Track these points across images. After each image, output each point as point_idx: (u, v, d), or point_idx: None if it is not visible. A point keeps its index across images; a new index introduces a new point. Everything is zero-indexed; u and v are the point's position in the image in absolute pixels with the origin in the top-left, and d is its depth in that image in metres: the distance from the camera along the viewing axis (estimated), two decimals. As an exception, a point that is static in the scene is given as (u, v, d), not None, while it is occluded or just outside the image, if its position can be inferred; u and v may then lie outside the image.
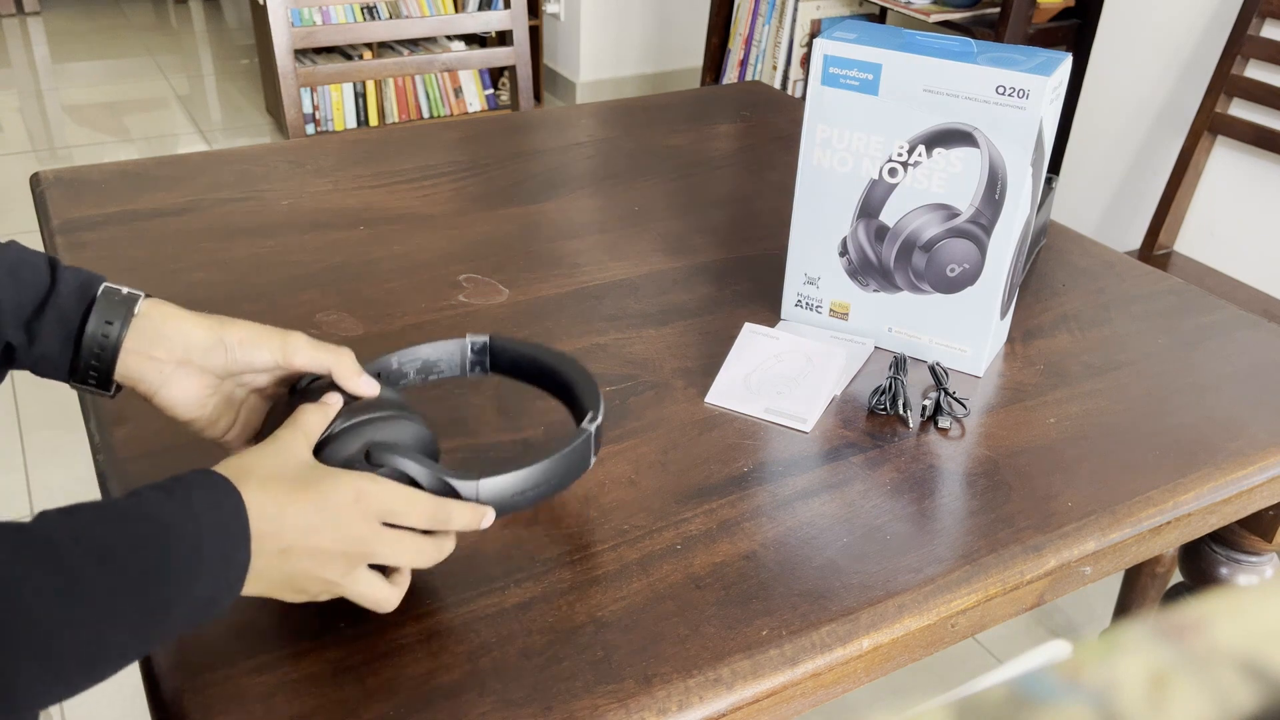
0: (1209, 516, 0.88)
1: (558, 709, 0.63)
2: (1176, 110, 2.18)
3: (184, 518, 0.55)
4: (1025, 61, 0.89)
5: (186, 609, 0.55)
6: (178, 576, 0.54)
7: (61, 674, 0.50)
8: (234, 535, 0.57)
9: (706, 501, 0.81)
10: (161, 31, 4.55)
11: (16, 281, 0.64)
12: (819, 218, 1.01)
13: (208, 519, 0.56)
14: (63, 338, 0.64)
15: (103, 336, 0.65)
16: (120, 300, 0.66)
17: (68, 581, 0.49)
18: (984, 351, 0.98)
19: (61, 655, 0.49)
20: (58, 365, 0.66)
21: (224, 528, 0.56)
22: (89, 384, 0.67)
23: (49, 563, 0.49)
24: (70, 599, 0.49)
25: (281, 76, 1.71)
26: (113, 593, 0.51)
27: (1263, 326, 1.09)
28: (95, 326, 0.65)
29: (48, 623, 0.48)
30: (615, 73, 3.77)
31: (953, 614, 0.74)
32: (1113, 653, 0.21)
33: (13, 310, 0.63)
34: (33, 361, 0.65)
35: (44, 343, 0.64)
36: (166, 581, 0.53)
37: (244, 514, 0.57)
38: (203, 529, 0.55)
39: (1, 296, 0.63)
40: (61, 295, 0.65)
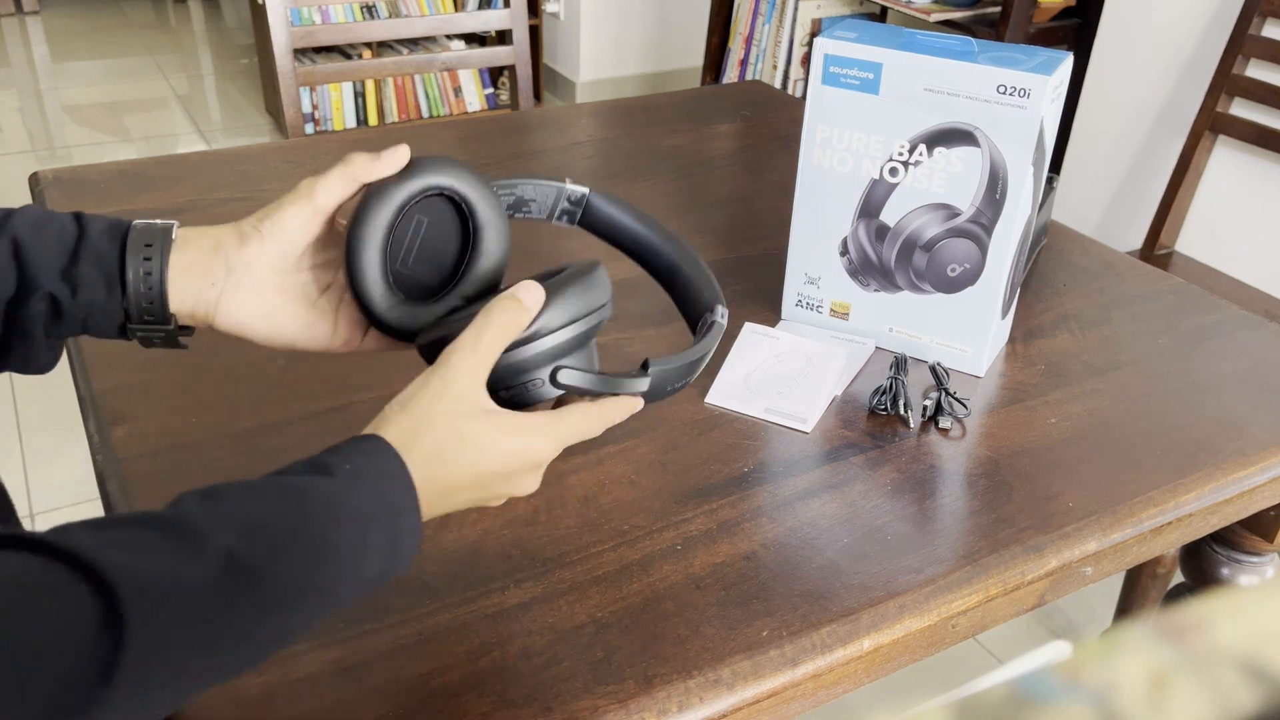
0: (1210, 517, 0.88)
1: (558, 709, 0.63)
2: (1177, 110, 2.18)
3: (349, 505, 0.52)
4: (1026, 61, 0.89)
5: (354, 589, 0.53)
6: (343, 565, 0.51)
7: (223, 666, 0.49)
8: (404, 516, 0.54)
9: (707, 502, 0.81)
10: (161, 31, 4.55)
11: (42, 235, 0.60)
12: (819, 217, 1.00)
13: (375, 505, 0.53)
14: (105, 280, 0.60)
15: (145, 262, 0.61)
16: (154, 229, 0.62)
17: (230, 576, 0.47)
18: (985, 351, 0.98)
19: (223, 647, 0.47)
20: (108, 312, 0.61)
21: (393, 513, 0.53)
22: (148, 326, 0.62)
23: (203, 555, 0.47)
24: (232, 594, 0.47)
25: (281, 76, 1.71)
26: (276, 584, 0.49)
27: (1264, 326, 1.09)
28: (134, 259, 0.60)
29: (209, 615, 0.46)
30: (615, 72, 3.77)
31: (953, 614, 0.74)
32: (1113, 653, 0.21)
33: (47, 262, 0.60)
34: (83, 315, 0.61)
35: (86, 289, 0.60)
36: (331, 572, 0.51)
37: (414, 495, 0.54)
38: (370, 518, 0.52)
39: (32, 250, 0.59)
40: (92, 238, 0.61)
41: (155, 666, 0.44)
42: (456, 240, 0.65)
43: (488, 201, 0.64)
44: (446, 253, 0.65)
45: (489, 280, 0.65)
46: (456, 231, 0.65)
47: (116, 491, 0.79)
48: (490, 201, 0.64)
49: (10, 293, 0.59)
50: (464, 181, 0.63)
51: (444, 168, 0.63)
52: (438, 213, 0.64)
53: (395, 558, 0.54)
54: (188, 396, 0.89)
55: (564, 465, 0.83)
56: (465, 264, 0.65)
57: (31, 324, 0.60)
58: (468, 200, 0.63)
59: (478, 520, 0.78)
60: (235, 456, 0.83)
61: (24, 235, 0.60)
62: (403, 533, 0.54)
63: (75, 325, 0.61)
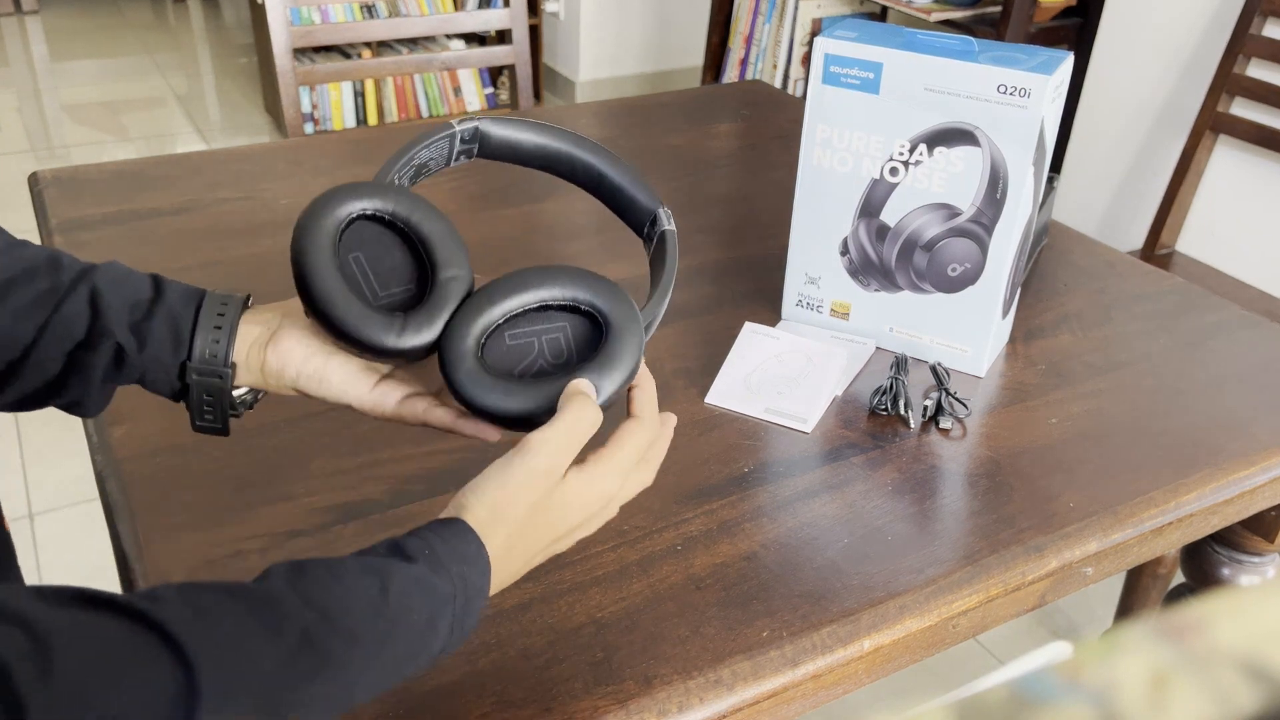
0: (1211, 517, 0.88)
1: (557, 710, 0.63)
2: (1178, 109, 2.18)
3: (427, 591, 0.53)
4: (1027, 60, 0.89)
5: (416, 667, 0.54)
6: (411, 647, 0.53)
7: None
8: (475, 599, 0.55)
9: (707, 502, 0.81)
10: (160, 30, 4.55)
11: (120, 289, 0.64)
12: (820, 217, 1.00)
13: (451, 591, 0.54)
14: (174, 338, 0.63)
15: (219, 317, 0.63)
16: (231, 298, 0.65)
17: (304, 655, 0.49)
18: (985, 351, 0.98)
19: (283, 716, 0.49)
20: (168, 368, 0.64)
21: (466, 597, 0.55)
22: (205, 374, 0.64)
23: (281, 634, 0.49)
24: (304, 671, 0.49)
25: (280, 75, 1.71)
26: (347, 666, 0.50)
27: (1265, 326, 1.09)
28: (207, 321, 0.63)
29: (277, 691, 0.48)
30: (615, 72, 3.77)
31: (954, 615, 0.74)
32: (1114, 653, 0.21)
33: (120, 315, 0.63)
34: (143, 368, 0.64)
35: (153, 345, 0.63)
36: (400, 653, 0.52)
37: (488, 577, 0.56)
38: (445, 602, 0.54)
39: (108, 300, 0.63)
40: (169, 299, 0.64)
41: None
42: (403, 248, 0.62)
43: (392, 197, 0.62)
44: (404, 264, 0.62)
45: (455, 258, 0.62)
46: (396, 241, 0.62)
47: (116, 491, 0.79)
48: (397, 197, 0.62)
49: (81, 337, 0.63)
50: (357, 196, 0.61)
51: (331, 200, 0.61)
52: (367, 237, 0.62)
53: (458, 636, 0.55)
54: (187, 396, 0.89)
55: (564, 465, 0.83)
56: (428, 259, 0.62)
57: (93, 369, 0.63)
58: (381, 212, 0.61)
59: (477, 520, 0.78)
60: (234, 456, 0.83)
61: (103, 286, 0.63)
62: (470, 613, 0.55)
63: (134, 376, 0.64)
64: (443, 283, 0.60)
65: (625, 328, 0.60)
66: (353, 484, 0.81)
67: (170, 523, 0.76)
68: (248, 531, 0.75)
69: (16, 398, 0.65)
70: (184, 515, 0.77)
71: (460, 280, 0.61)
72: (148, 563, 0.73)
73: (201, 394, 0.64)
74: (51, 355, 0.63)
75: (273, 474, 0.81)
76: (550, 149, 0.69)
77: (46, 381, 0.64)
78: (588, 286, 0.60)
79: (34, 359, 0.63)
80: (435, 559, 0.54)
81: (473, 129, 0.67)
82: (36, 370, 0.63)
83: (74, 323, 0.63)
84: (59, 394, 0.65)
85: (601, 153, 0.69)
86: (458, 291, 0.60)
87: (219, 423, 0.65)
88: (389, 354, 0.60)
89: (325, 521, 0.77)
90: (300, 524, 0.76)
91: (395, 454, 0.84)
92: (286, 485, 0.80)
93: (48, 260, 0.64)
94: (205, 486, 0.80)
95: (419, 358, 0.61)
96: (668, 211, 0.68)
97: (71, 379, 0.64)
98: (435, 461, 0.83)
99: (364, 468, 0.82)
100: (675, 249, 0.66)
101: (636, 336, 0.60)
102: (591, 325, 0.61)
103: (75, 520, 1.92)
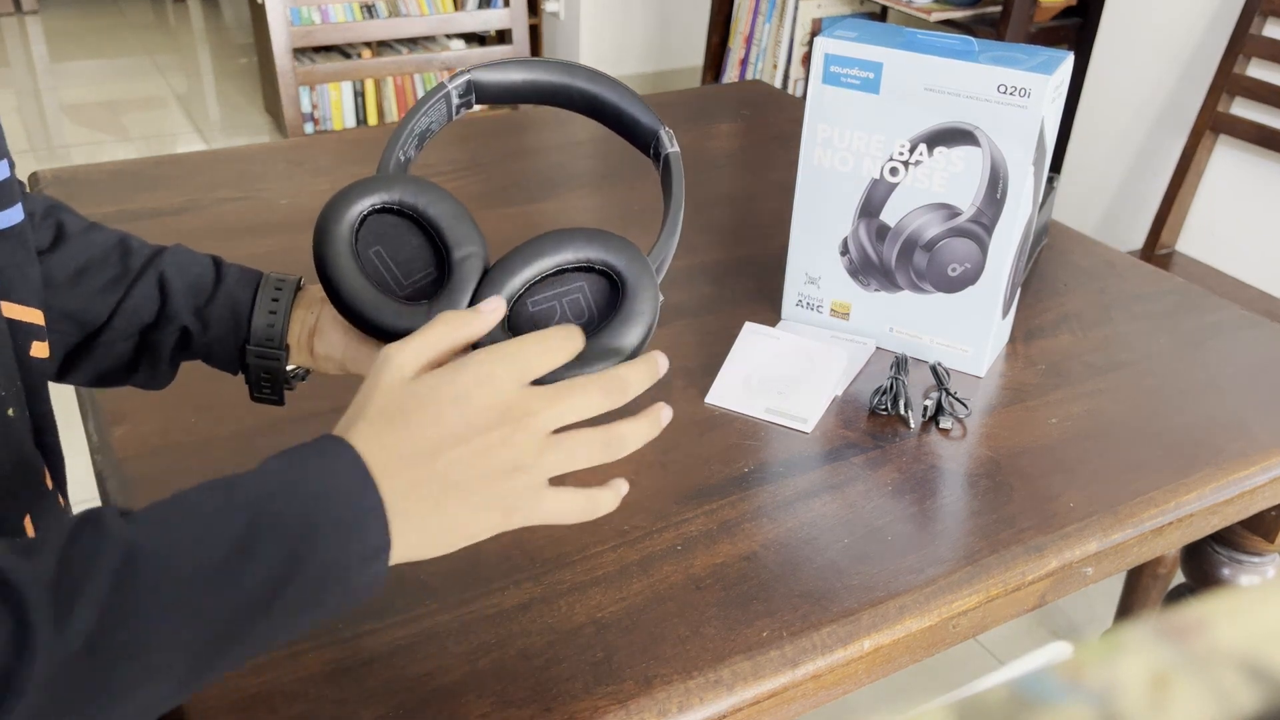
0: (1211, 517, 0.88)
1: (557, 710, 0.63)
2: (1178, 109, 2.18)
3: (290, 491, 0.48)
4: (1027, 60, 0.89)
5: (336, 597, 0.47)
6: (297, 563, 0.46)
7: (182, 683, 0.46)
8: (353, 485, 0.48)
9: (707, 502, 0.81)
10: (160, 30, 4.55)
11: (186, 274, 0.69)
12: (820, 217, 1.00)
13: (318, 485, 0.48)
14: (234, 320, 0.68)
15: (273, 302, 0.68)
16: (286, 281, 0.70)
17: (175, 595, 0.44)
18: (985, 351, 0.98)
19: (181, 663, 0.45)
20: (229, 347, 0.69)
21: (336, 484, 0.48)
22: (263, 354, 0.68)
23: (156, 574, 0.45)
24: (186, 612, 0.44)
25: (280, 75, 1.71)
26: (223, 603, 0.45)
27: (1265, 326, 1.09)
28: (263, 303, 0.68)
29: (162, 635, 0.44)
30: (615, 72, 3.77)
31: (954, 615, 0.74)
32: (1114, 653, 0.21)
33: (186, 300, 0.68)
34: (207, 348, 0.69)
35: (216, 327, 0.68)
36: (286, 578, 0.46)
37: (359, 461, 0.49)
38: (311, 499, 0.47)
39: (175, 285, 0.68)
40: (229, 284, 0.69)
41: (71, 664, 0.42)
42: (417, 234, 0.63)
43: (398, 186, 0.62)
44: (421, 249, 0.63)
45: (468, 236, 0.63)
46: (410, 228, 0.63)
47: (116, 491, 0.79)
48: (403, 185, 0.62)
49: (150, 320, 0.68)
50: (365, 193, 0.61)
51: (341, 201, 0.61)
52: (381, 231, 0.62)
53: (360, 536, 0.48)
54: (187, 396, 0.89)
55: (564, 465, 0.83)
56: (441, 241, 0.63)
57: (162, 349, 0.69)
58: (389, 204, 0.62)
59: (477, 520, 0.78)
60: (235, 456, 0.83)
61: (170, 272, 0.69)
62: (357, 513, 0.48)
63: (199, 354, 0.70)
64: (459, 262, 0.62)
65: (639, 280, 0.61)
66: (353, 484, 0.81)
67: (170, 523, 0.76)
68: (248, 531, 0.75)
69: (94, 374, 0.70)
70: (184, 515, 0.77)
71: (475, 257, 0.62)
72: (148, 563, 0.73)
73: (259, 372, 0.69)
74: (123, 336, 0.68)
75: (273, 474, 0.81)
76: (545, 82, 0.70)
77: (120, 361, 0.69)
78: (598, 245, 0.62)
79: (106, 339, 0.68)
80: (287, 462, 0.49)
81: (465, 82, 0.69)
82: (108, 350, 0.68)
83: (144, 307, 0.68)
84: (133, 371, 0.70)
85: (597, 77, 0.70)
86: (475, 268, 0.62)
87: (275, 394, 0.71)
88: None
89: (325, 521, 0.76)
90: (300, 524, 0.76)
91: (395, 454, 0.84)
92: (286, 485, 0.80)
93: (119, 244, 0.69)
94: (205, 486, 0.80)
95: None
96: (669, 132, 0.68)
97: (142, 358, 0.69)
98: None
99: (364, 468, 0.82)
100: (680, 173, 0.66)
101: (650, 287, 0.61)
102: (607, 281, 0.62)
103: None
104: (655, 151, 0.68)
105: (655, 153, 0.68)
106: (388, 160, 0.65)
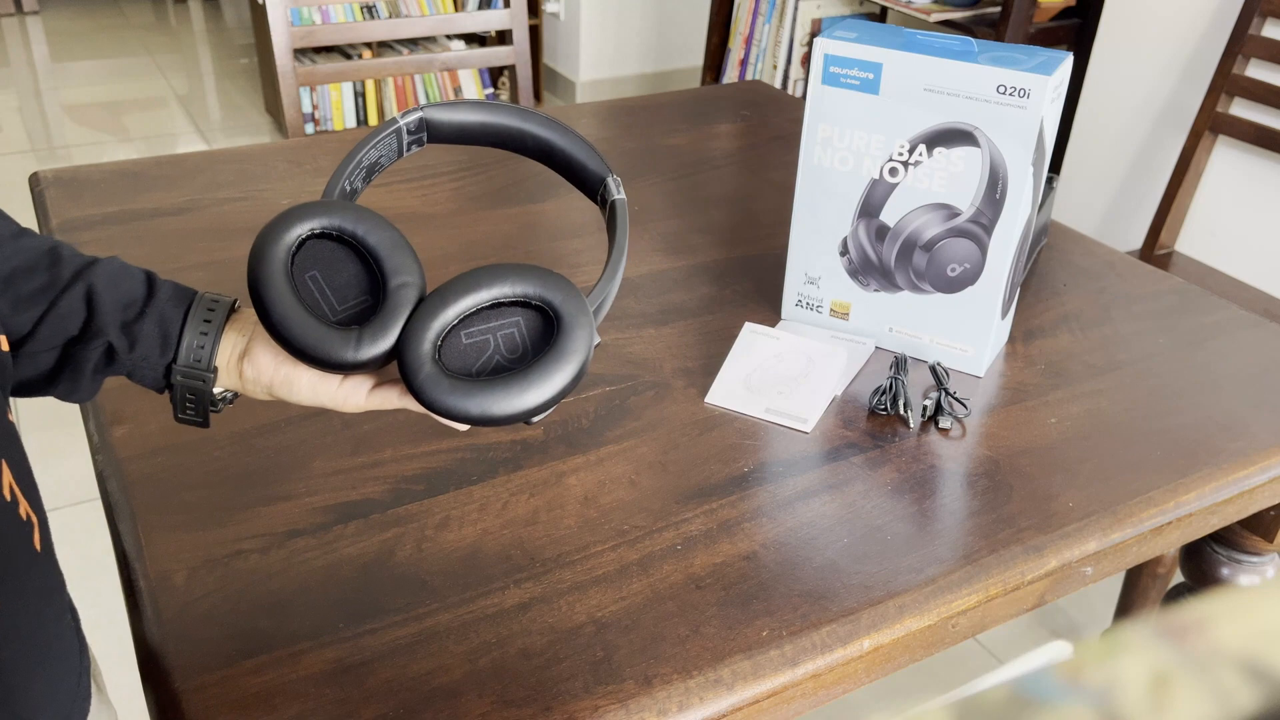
0: (1210, 517, 0.88)
1: (557, 709, 0.63)
2: (1177, 110, 2.18)
3: None
4: (1026, 61, 0.89)
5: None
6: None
7: None
8: None
9: (707, 502, 0.81)
10: (160, 31, 4.55)
11: (115, 289, 0.66)
12: (819, 217, 1.00)
13: None
14: (162, 340, 0.66)
15: (205, 324, 0.66)
16: (220, 302, 0.67)
17: None
18: (985, 351, 0.98)
19: None
20: (155, 367, 0.67)
21: None
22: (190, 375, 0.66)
23: None
24: None
25: (281, 76, 1.71)
26: None
27: (1264, 326, 1.09)
28: (194, 325, 0.66)
29: None
30: (615, 72, 3.77)
31: (953, 614, 0.74)
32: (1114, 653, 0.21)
33: (113, 315, 0.66)
34: (131, 366, 0.67)
35: (143, 345, 0.66)
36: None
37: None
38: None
39: (104, 300, 0.65)
40: (160, 301, 0.67)
41: None
42: (355, 261, 0.63)
43: (338, 213, 0.62)
44: (357, 276, 0.63)
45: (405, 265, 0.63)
46: (348, 255, 0.63)
47: (117, 491, 0.79)
48: (343, 212, 0.62)
49: (75, 333, 0.65)
50: (305, 218, 0.61)
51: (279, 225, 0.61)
52: (318, 255, 0.62)
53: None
54: (188, 396, 0.89)
55: (564, 465, 0.83)
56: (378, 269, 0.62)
57: (84, 363, 0.66)
58: (329, 229, 0.62)
59: (478, 520, 0.78)
60: (235, 456, 0.83)
61: (99, 285, 0.66)
62: None
63: (122, 371, 0.67)
64: (394, 290, 0.61)
65: (574, 318, 0.61)
66: (353, 484, 0.81)
67: (171, 522, 0.76)
68: (248, 531, 0.76)
69: (14, 383, 0.67)
70: (184, 515, 0.77)
71: (411, 286, 0.61)
72: (148, 562, 0.73)
73: (185, 393, 0.67)
74: (46, 348, 0.65)
75: (273, 474, 0.81)
76: (497, 125, 0.70)
77: (40, 372, 0.66)
78: (535, 281, 0.61)
79: (29, 350, 0.65)
80: None
81: (418, 119, 0.68)
82: (30, 361, 0.66)
83: (69, 319, 0.65)
84: (53, 384, 0.67)
85: (549, 124, 0.70)
86: (409, 298, 0.61)
87: (200, 417, 0.68)
88: (350, 367, 0.61)
89: (325, 521, 0.77)
90: (300, 524, 0.76)
91: (395, 454, 0.84)
92: (287, 485, 0.80)
93: (48, 253, 0.67)
94: (206, 486, 0.80)
95: (380, 366, 0.62)
96: (617, 180, 0.68)
97: (64, 371, 0.66)
98: (435, 461, 0.83)
99: (364, 468, 0.82)
100: (625, 220, 0.66)
101: (585, 325, 0.61)
102: (543, 318, 0.62)
103: (76, 519, 1.92)
104: (602, 198, 0.68)
105: (602, 199, 0.68)
106: (333, 188, 0.65)
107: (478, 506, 0.79)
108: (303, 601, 0.70)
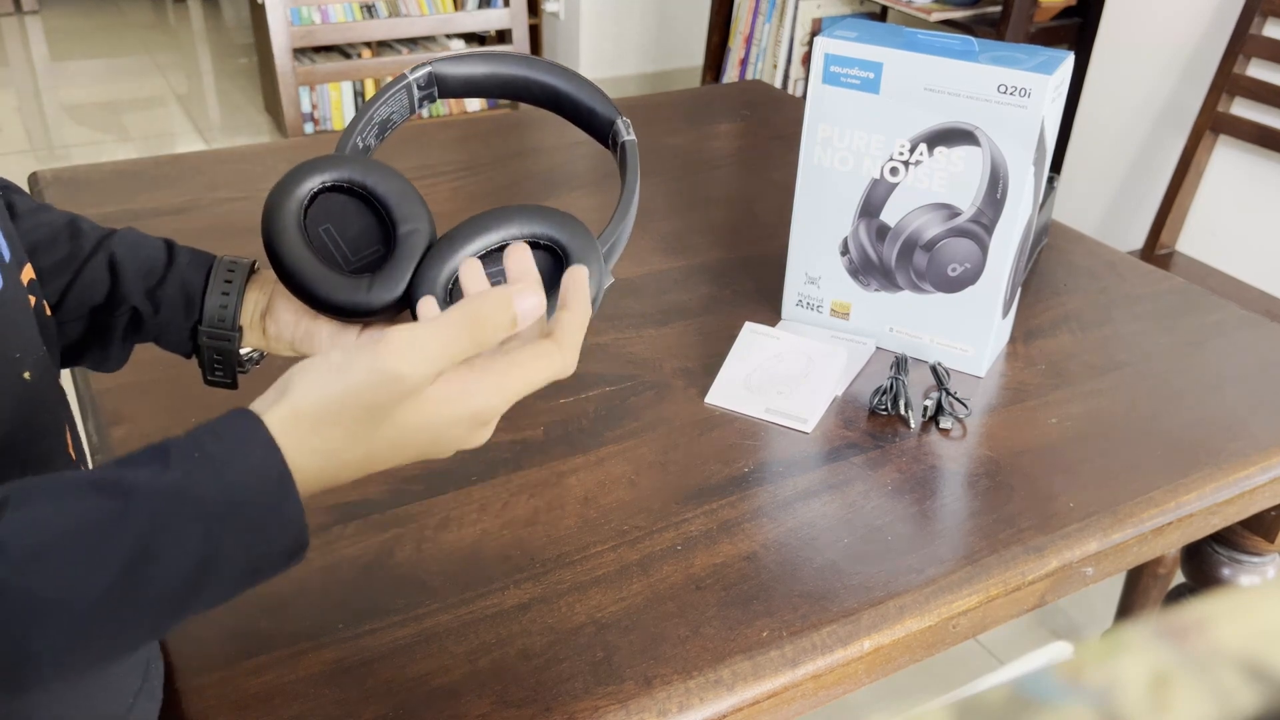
0: (1211, 517, 0.88)
1: (557, 710, 0.63)
2: (1178, 109, 2.18)
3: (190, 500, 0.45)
4: (1027, 60, 0.89)
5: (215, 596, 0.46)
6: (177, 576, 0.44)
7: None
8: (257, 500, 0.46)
9: (707, 502, 0.81)
10: (160, 30, 4.55)
11: (137, 255, 0.68)
12: (820, 217, 1.00)
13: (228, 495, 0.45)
14: (185, 303, 0.68)
15: (225, 284, 0.68)
16: (238, 264, 0.69)
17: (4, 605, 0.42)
18: (985, 351, 0.98)
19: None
20: (181, 330, 0.68)
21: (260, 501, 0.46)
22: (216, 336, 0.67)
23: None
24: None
25: (280, 75, 1.71)
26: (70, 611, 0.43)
27: (1265, 326, 1.09)
28: (216, 287, 0.67)
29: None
30: (615, 72, 3.77)
31: (954, 615, 0.74)
32: (1115, 654, 0.21)
33: (137, 281, 0.67)
34: (158, 330, 0.68)
35: (167, 309, 0.68)
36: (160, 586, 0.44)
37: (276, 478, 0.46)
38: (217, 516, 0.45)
39: (126, 268, 0.67)
40: (180, 266, 0.68)
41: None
42: (366, 212, 0.63)
43: (347, 165, 0.62)
44: (369, 227, 0.63)
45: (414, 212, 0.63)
46: (359, 207, 0.63)
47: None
48: (351, 164, 0.63)
49: (100, 301, 0.68)
50: (315, 171, 0.62)
51: (290, 180, 0.62)
52: (330, 208, 0.63)
53: (269, 552, 0.47)
54: (187, 396, 0.89)
55: (564, 465, 0.83)
56: (389, 217, 0.63)
57: (112, 330, 0.68)
58: (339, 182, 0.62)
59: (478, 520, 0.78)
60: (235, 456, 0.83)
61: (121, 254, 0.68)
62: (266, 526, 0.47)
63: (150, 336, 0.69)
64: (403, 237, 0.62)
65: (584, 258, 0.61)
66: (352, 484, 0.80)
67: (170, 523, 0.76)
68: (248, 531, 0.75)
69: None
70: (184, 515, 0.77)
71: (420, 233, 0.62)
72: (148, 563, 0.73)
73: (212, 354, 0.68)
74: (74, 317, 0.68)
75: (273, 474, 0.81)
76: (506, 75, 0.70)
77: (70, 341, 0.68)
78: (545, 221, 0.61)
79: (57, 319, 0.67)
80: (204, 460, 0.46)
81: (427, 74, 0.69)
82: (60, 331, 0.67)
83: (94, 288, 0.67)
84: (83, 353, 0.69)
85: (556, 71, 0.70)
86: (419, 243, 0.62)
87: (229, 378, 0.70)
88: (363, 313, 0.62)
89: (325, 521, 0.77)
90: (300, 524, 0.76)
91: (395, 454, 0.84)
92: (286, 485, 0.80)
93: (68, 225, 0.69)
94: (205, 486, 0.80)
95: (395, 312, 0.63)
96: (626, 121, 0.68)
97: (93, 339, 0.69)
98: (435, 461, 0.83)
99: (364, 468, 0.82)
100: (636, 160, 0.66)
101: (596, 265, 0.61)
102: (553, 259, 0.61)
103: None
104: (613, 140, 0.68)
105: (613, 141, 0.69)
106: (344, 145, 0.65)
107: (477, 507, 0.79)
108: (302, 602, 0.70)
